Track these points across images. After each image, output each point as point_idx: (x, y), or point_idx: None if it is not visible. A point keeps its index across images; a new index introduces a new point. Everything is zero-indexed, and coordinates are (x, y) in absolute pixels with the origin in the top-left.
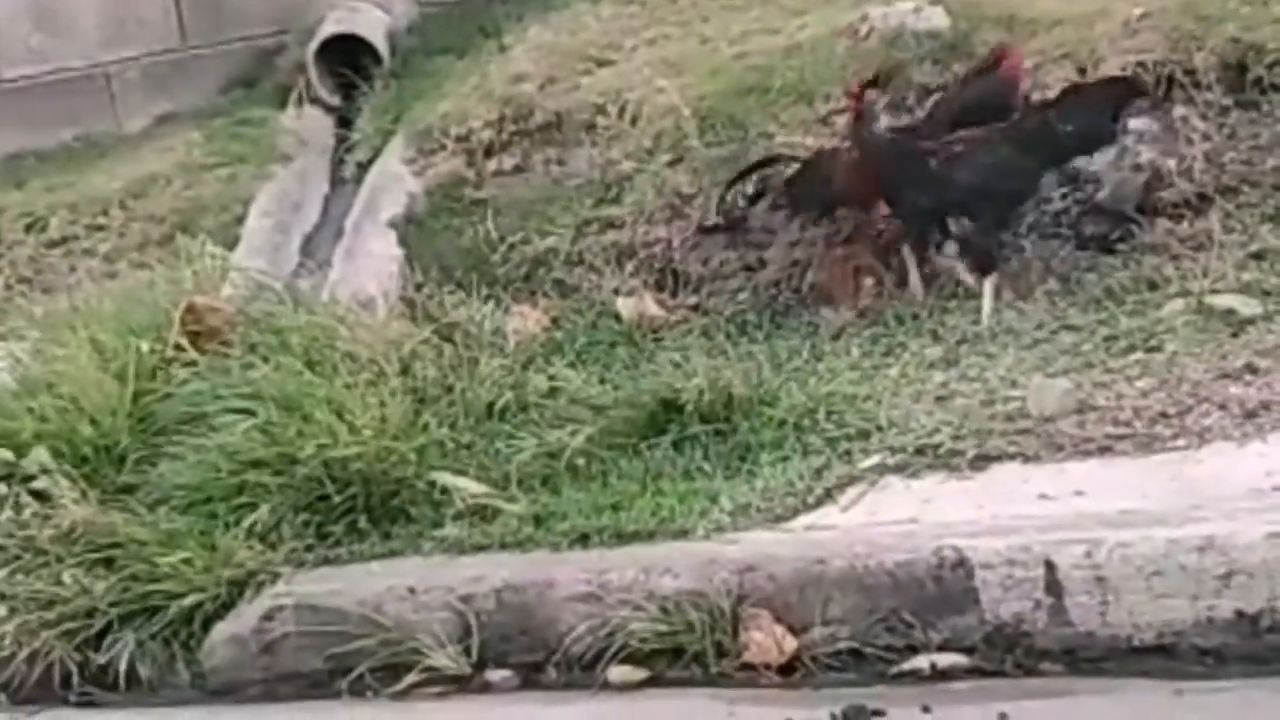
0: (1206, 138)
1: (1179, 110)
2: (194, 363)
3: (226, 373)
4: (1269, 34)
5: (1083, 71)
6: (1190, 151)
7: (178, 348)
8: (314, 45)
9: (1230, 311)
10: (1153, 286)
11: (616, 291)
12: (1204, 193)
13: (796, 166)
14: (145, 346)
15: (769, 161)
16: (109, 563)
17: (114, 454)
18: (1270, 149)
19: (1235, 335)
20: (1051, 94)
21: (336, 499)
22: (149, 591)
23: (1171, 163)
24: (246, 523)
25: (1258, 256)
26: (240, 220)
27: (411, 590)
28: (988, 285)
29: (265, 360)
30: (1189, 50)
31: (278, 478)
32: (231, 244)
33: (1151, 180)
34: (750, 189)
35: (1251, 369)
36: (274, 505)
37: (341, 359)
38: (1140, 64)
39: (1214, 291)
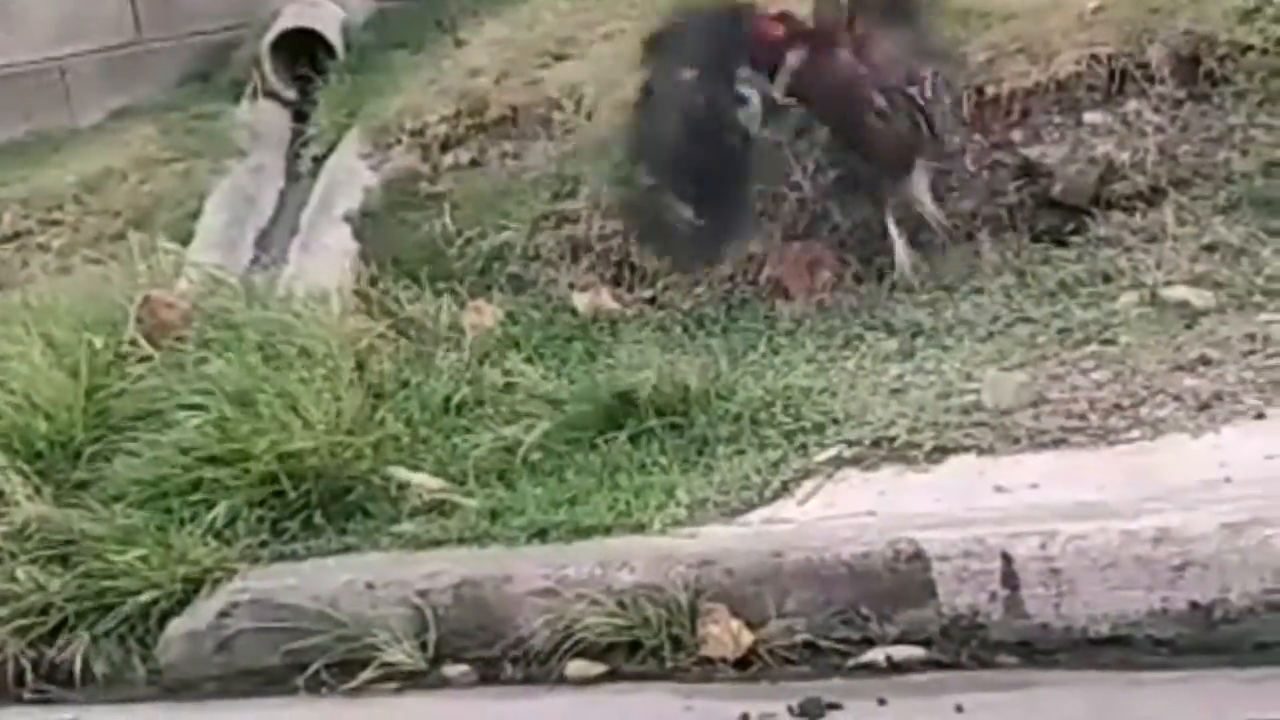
0: (1159, 130)
1: (1132, 104)
2: (149, 358)
3: (181, 368)
4: (1221, 26)
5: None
6: (1143, 144)
7: (133, 343)
8: (269, 39)
9: (1184, 304)
10: (1106, 279)
11: (572, 286)
12: (1157, 185)
13: None
14: (100, 342)
15: None
16: (64, 559)
17: (68, 450)
18: (1222, 141)
19: (1189, 327)
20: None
21: (292, 495)
22: (104, 588)
23: (1125, 155)
24: (202, 519)
25: (1210, 249)
26: (195, 215)
27: (368, 586)
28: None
29: (220, 355)
30: (1141, 43)
31: (233, 473)
32: (186, 239)
33: (1105, 173)
34: None
35: (1205, 361)
36: (229, 501)
37: (297, 354)
38: (1094, 57)
39: (1167, 284)
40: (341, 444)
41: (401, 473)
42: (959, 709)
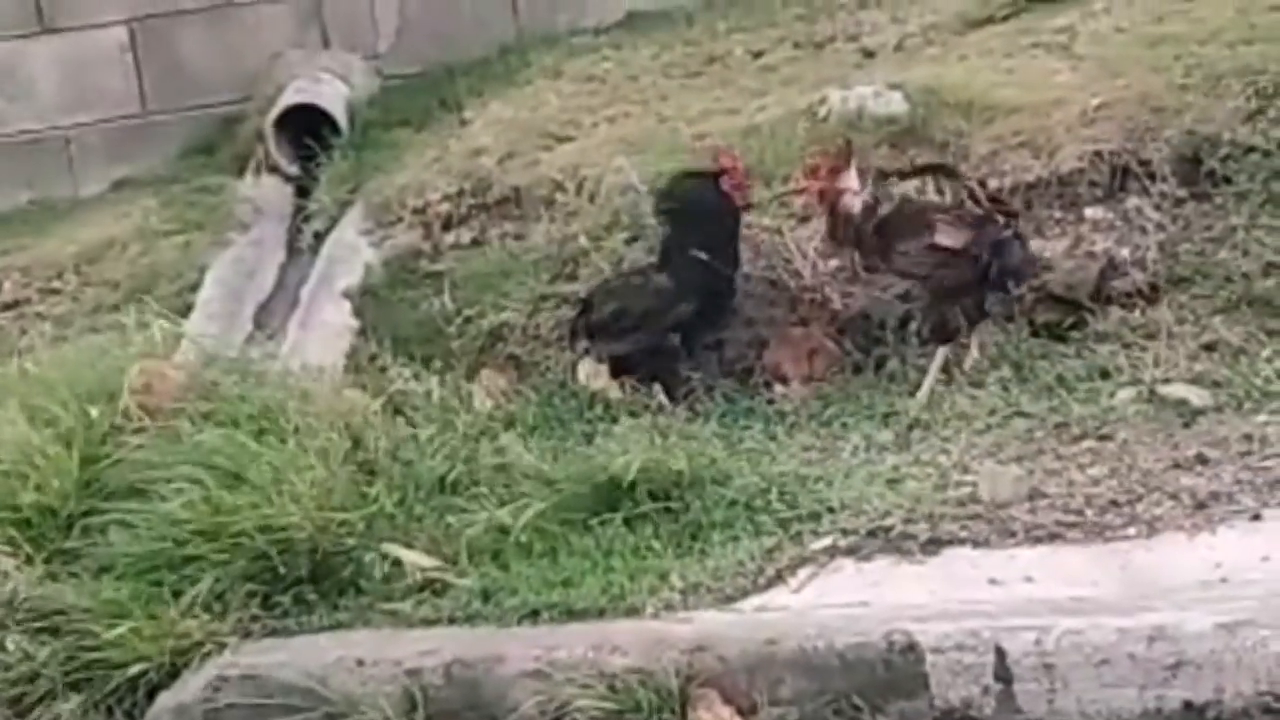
0: (1160, 228)
1: (1133, 201)
2: (144, 430)
3: (176, 441)
4: (1224, 127)
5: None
6: (1144, 242)
7: (128, 414)
8: (274, 114)
9: (1182, 402)
10: (1105, 375)
11: (572, 367)
12: (1157, 283)
13: None
14: (95, 412)
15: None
16: (53, 630)
17: (60, 520)
18: (1223, 241)
19: (1186, 426)
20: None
21: (284, 570)
22: (93, 660)
23: (1125, 252)
24: (193, 592)
25: (1209, 348)
26: (195, 287)
27: (359, 663)
28: (939, 355)
29: (216, 429)
30: (1144, 141)
31: (225, 547)
32: (185, 311)
33: (1105, 269)
34: None
35: (1202, 460)
36: (221, 575)
37: (292, 429)
38: (1096, 154)
39: (1166, 381)
40: (334, 520)
41: (395, 550)
42: None
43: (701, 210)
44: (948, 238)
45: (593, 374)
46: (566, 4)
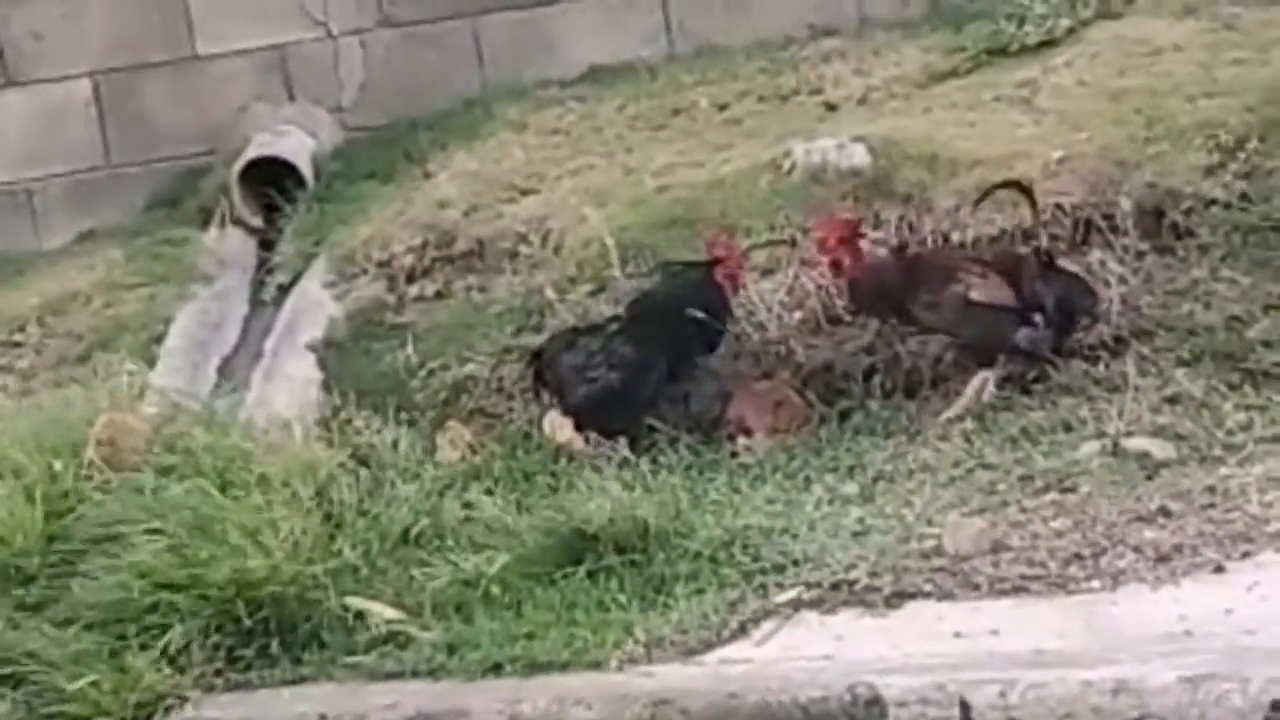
0: (1123, 281)
1: (1096, 254)
2: (108, 482)
3: (140, 492)
4: (1185, 180)
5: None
6: (1107, 295)
7: (92, 466)
8: (238, 167)
9: (1145, 454)
10: (1068, 428)
11: (536, 420)
12: (1120, 336)
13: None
14: (59, 465)
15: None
16: (15, 681)
17: (24, 572)
18: (1185, 294)
19: (1150, 478)
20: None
21: (248, 622)
22: (56, 712)
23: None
24: (157, 645)
25: (1172, 401)
26: (159, 340)
27: (322, 717)
28: (979, 378)
29: (180, 481)
30: (1107, 195)
31: (189, 599)
32: (150, 363)
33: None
34: None
35: (1165, 512)
36: (185, 627)
37: (256, 481)
38: (1059, 207)
39: (1129, 434)
40: (299, 572)
41: (359, 602)
42: None
43: (694, 300)
44: (982, 293)
45: (557, 427)
46: (531, 57)
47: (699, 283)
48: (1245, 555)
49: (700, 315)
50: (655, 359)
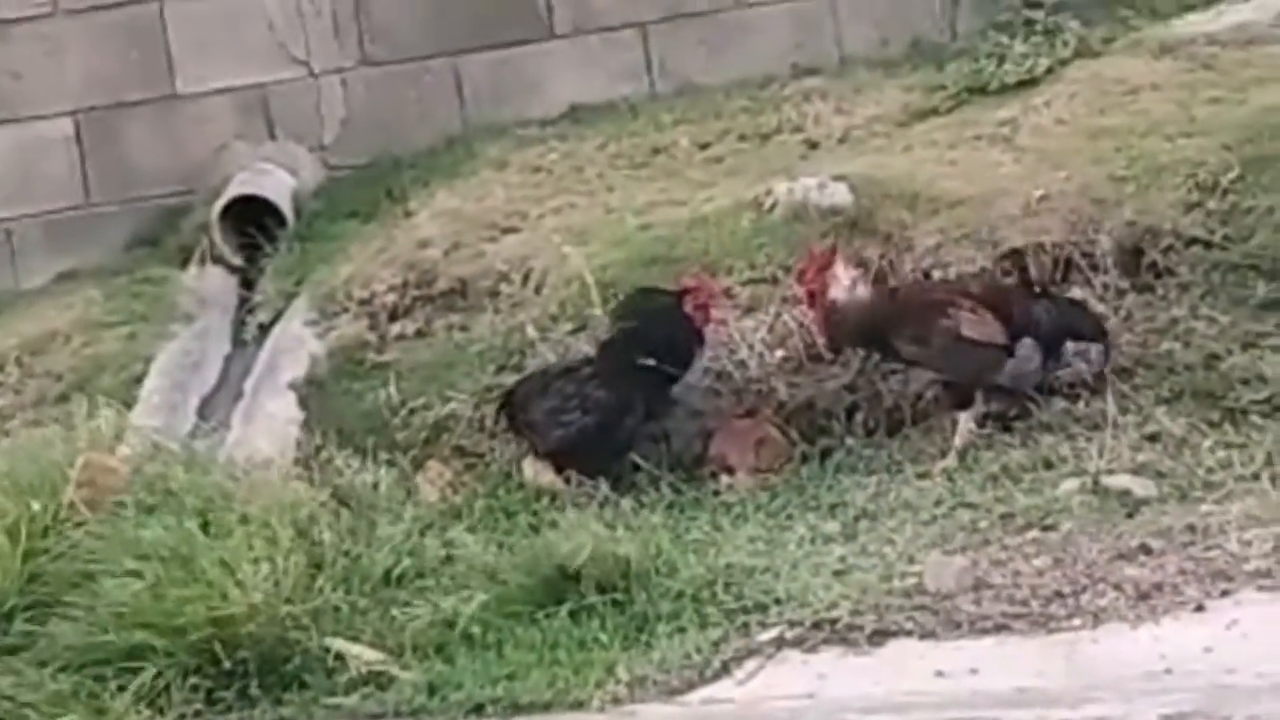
0: (1103, 319)
1: (1076, 292)
2: (87, 522)
3: (119, 532)
4: (1165, 218)
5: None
6: (1074, 365)
7: (71, 506)
8: (219, 205)
9: (1125, 492)
10: (1049, 465)
11: (517, 459)
12: (1100, 374)
13: None
14: (38, 505)
15: None
16: None
17: (1, 613)
18: (1165, 333)
19: (1130, 516)
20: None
21: (227, 663)
22: None
23: (1070, 344)
24: (134, 685)
25: (1152, 438)
26: (139, 379)
27: None
28: (963, 418)
29: (159, 521)
30: (1087, 233)
31: (167, 640)
32: (130, 403)
33: (1050, 360)
34: None
35: (1146, 550)
36: (163, 668)
37: (237, 521)
38: (1039, 245)
39: (1109, 472)
40: (279, 613)
41: (339, 643)
42: None
43: (660, 332)
44: (973, 329)
45: (538, 470)
46: (512, 96)
47: (668, 314)
48: (1225, 593)
49: (652, 363)
50: (631, 401)
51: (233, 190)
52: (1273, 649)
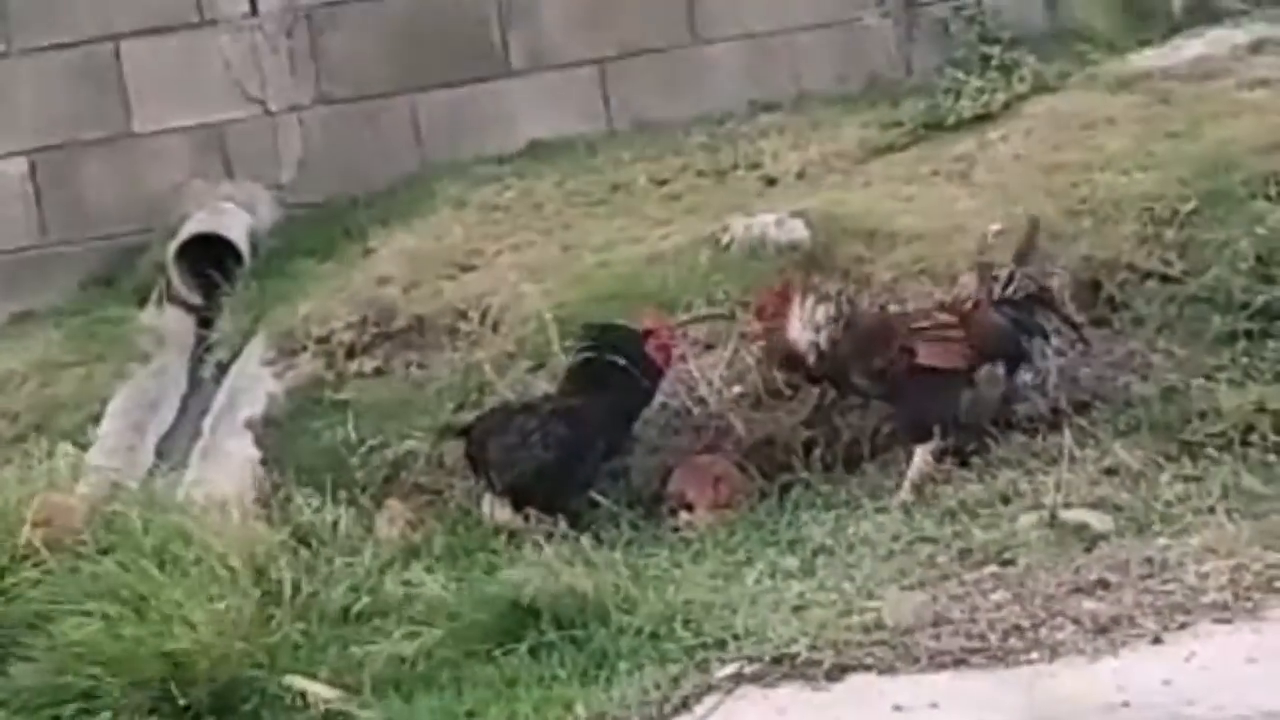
0: (1060, 353)
1: None
2: (44, 562)
3: (77, 573)
4: (1120, 252)
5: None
6: (1044, 366)
7: (29, 547)
8: (175, 244)
9: (1083, 526)
10: (1006, 500)
11: (475, 496)
12: (1058, 408)
13: None
14: None
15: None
16: None
17: None
18: (1122, 366)
19: (1088, 550)
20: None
21: (183, 701)
22: None
23: (1026, 377)
24: None
25: (1110, 472)
26: (97, 419)
27: None
28: (920, 451)
29: (117, 561)
30: (1043, 267)
31: (124, 680)
32: (87, 443)
33: (1007, 394)
34: None
35: (1104, 584)
36: (120, 708)
37: (194, 560)
38: (995, 279)
39: (1067, 506)
40: (237, 650)
41: (298, 681)
42: None
43: (619, 373)
44: (933, 357)
45: (497, 508)
46: (469, 133)
47: (631, 345)
48: (1183, 626)
49: (622, 362)
50: (593, 438)
51: (190, 229)
52: (1231, 681)
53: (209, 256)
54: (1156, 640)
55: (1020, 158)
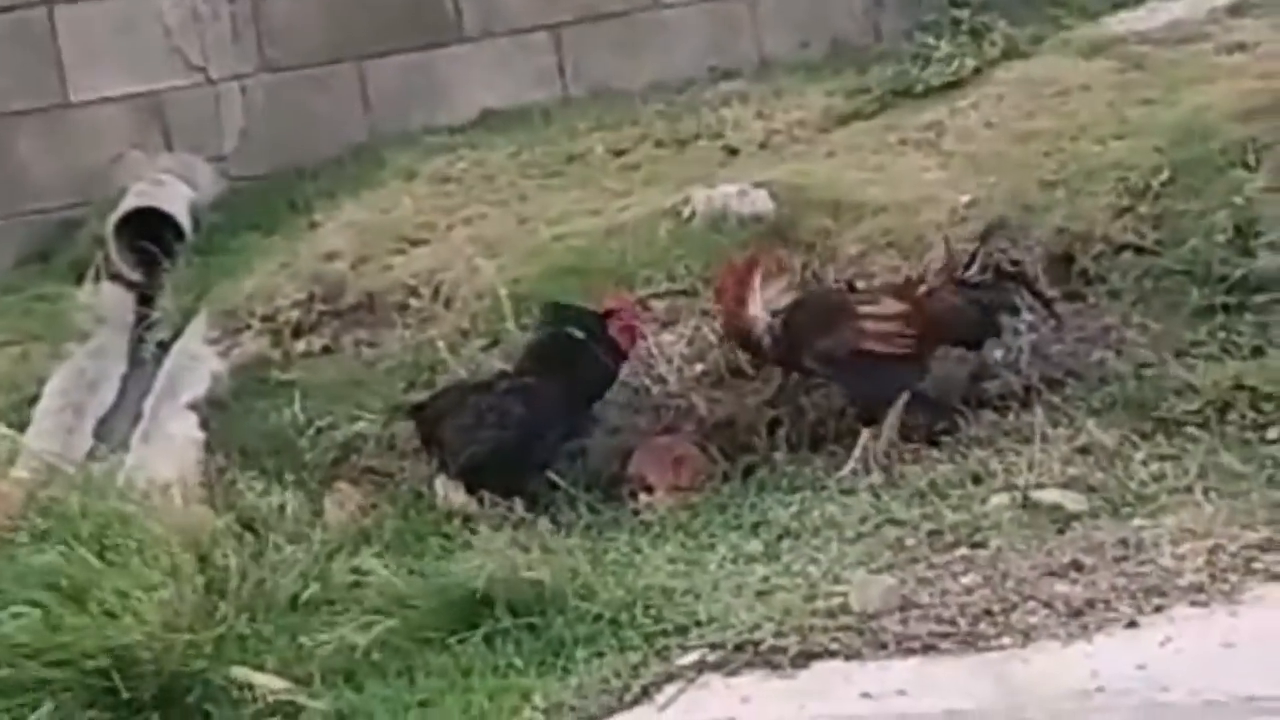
0: (1033, 329)
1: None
2: None
3: (13, 560)
4: (1095, 223)
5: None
6: (1016, 343)
7: None
8: (114, 218)
9: (1056, 507)
10: (977, 480)
11: (428, 479)
12: (1030, 385)
13: None
14: None
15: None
16: None
17: None
18: (1096, 341)
19: (1061, 531)
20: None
21: (128, 694)
22: None
23: (998, 354)
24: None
25: (1083, 451)
26: (33, 400)
27: None
28: (866, 434)
29: (55, 548)
30: (1015, 240)
31: (63, 672)
32: (23, 425)
33: (977, 372)
34: None
35: (1077, 566)
36: (61, 701)
37: (135, 548)
38: (956, 260)
39: (1039, 486)
40: (181, 641)
41: (244, 673)
42: None
43: (580, 352)
44: (877, 342)
45: (450, 490)
46: (420, 102)
47: (593, 327)
48: (1158, 609)
49: (581, 335)
50: (552, 417)
51: (129, 203)
52: (1207, 666)
53: (149, 231)
54: (1131, 624)
55: (991, 126)
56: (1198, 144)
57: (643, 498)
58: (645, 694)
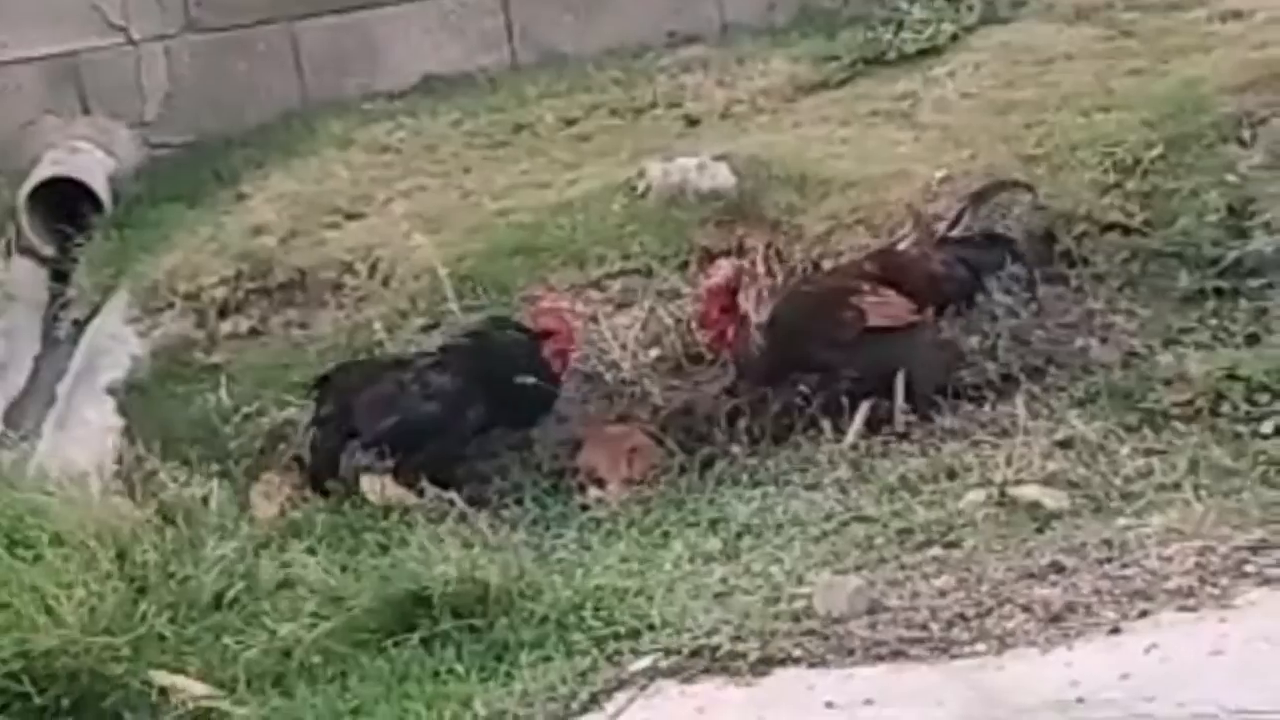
0: (1012, 314)
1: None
2: None
3: None
4: (1079, 201)
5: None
6: (994, 329)
7: None
8: (26, 189)
9: (1035, 504)
10: (952, 475)
11: (362, 470)
12: (1009, 374)
13: None
14: None
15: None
16: None
17: None
18: (1080, 328)
19: (1040, 531)
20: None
21: (38, 699)
22: None
23: (974, 341)
24: None
25: (1065, 445)
26: None
27: None
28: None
29: None
30: (993, 218)
31: None
32: None
33: (952, 359)
34: None
35: (1057, 568)
36: None
37: (49, 541)
38: (937, 223)
39: (1018, 482)
40: (97, 643)
41: (164, 677)
42: None
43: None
44: (880, 314)
45: (378, 487)
46: (356, 66)
47: (525, 359)
48: (1143, 614)
49: (531, 381)
50: (476, 393)
51: (41, 172)
52: (1194, 674)
53: (63, 203)
54: (1114, 630)
55: (969, 96)
56: (1189, 118)
57: (593, 491)
58: (594, 702)
